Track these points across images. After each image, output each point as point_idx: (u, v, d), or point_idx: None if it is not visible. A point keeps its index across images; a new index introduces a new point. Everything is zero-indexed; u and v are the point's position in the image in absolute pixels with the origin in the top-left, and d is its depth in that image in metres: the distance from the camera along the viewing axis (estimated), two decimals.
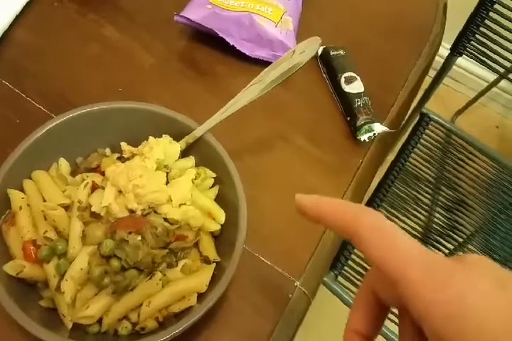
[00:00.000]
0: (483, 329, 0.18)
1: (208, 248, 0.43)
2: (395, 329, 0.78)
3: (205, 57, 0.63)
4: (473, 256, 0.21)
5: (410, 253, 0.21)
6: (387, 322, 0.78)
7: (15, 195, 0.41)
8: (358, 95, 0.61)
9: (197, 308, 0.39)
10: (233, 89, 0.50)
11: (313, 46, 0.44)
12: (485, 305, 0.19)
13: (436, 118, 1.02)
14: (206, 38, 0.63)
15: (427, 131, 1.02)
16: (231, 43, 0.61)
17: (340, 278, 0.82)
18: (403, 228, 0.89)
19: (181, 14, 0.61)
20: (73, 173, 0.45)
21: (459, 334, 0.19)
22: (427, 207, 0.94)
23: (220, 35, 0.60)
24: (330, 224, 0.25)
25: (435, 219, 0.94)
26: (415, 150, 1.00)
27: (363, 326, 0.26)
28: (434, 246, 0.90)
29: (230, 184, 0.44)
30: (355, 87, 0.61)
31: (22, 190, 0.43)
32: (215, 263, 0.42)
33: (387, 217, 0.90)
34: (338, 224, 0.24)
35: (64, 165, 0.45)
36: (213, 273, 0.41)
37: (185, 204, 0.42)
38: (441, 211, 0.94)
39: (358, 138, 0.59)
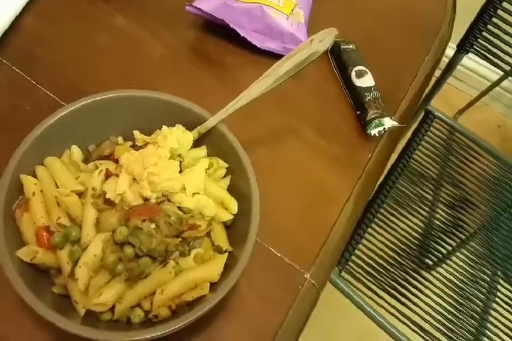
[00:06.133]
0: None
1: (220, 238, 0.43)
2: (403, 328, 0.79)
3: (216, 48, 0.62)
4: None
5: None
6: (389, 317, 0.78)
7: (28, 180, 0.41)
8: (369, 89, 0.60)
9: (210, 297, 0.38)
10: (243, 80, 0.49)
11: (329, 37, 0.44)
12: None
13: (441, 115, 1.02)
14: (217, 29, 0.62)
15: (432, 128, 1.02)
16: (242, 35, 0.61)
17: (343, 273, 0.82)
18: (406, 224, 0.90)
19: (193, 4, 0.60)
20: (85, 161, 0.45)
21: None
22: (430, 204, 0.94)
23: (231, 26, 0.60)
24: None
25: (438, 216, 0.94)
26: (419, 147, 1.00)
27: None
28: (436, 243, 0.90)
29: (243, 174, 0.44)
30: (366, 80, 0.61)
31: (35, 176, 0.42)
32: (227, 253, 0.42)
33: (391, 214, 0.90)
34: None
35: (76, 152, 0.45)
36: (225, 263, 0.41)
37: (198, 193, 0.42)
38: (445, 208, 0.95)
39: (368, 132, 0.58)
